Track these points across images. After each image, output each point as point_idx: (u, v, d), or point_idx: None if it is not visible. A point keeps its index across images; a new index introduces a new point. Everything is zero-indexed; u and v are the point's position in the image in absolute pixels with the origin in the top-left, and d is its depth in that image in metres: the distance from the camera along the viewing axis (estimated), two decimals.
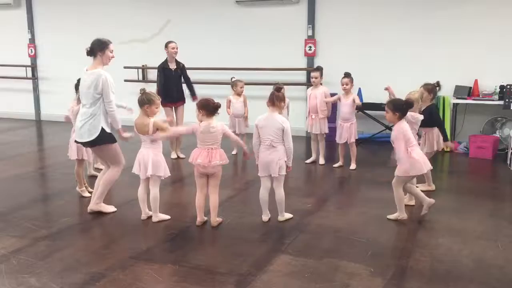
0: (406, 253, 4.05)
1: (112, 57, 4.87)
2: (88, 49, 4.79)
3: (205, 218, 4.71)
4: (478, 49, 8.02)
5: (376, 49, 8.61)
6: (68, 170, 5.55)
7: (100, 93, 4.69)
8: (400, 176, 4.67)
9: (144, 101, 4.65)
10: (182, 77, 7.50)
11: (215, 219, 4.66)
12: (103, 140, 4.79)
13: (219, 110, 4.56)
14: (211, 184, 4.63)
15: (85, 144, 4.91)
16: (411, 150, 4.59)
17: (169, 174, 4.85)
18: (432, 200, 4.86)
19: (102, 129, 4.75)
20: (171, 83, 7.36)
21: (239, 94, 7.53)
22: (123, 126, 4.89)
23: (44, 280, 3.57)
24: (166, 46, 7.33)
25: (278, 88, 4.73)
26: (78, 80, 5.94)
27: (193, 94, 7.48)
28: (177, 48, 7.32)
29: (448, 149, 5.26)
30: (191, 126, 4.60)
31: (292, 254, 4.01)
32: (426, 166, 4.70)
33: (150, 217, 4.81)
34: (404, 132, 4.57)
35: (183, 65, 7.52)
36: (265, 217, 4.76)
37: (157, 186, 4.77)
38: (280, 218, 4.76)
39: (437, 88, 5.68)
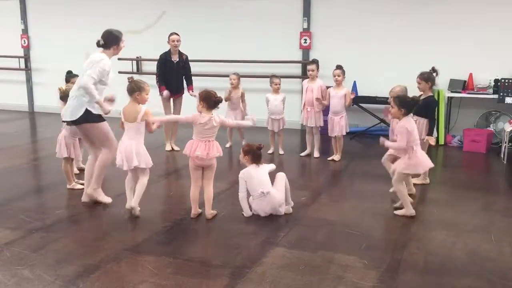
0: (400, 246, 4.06)
1: (123, 46, 4.87)
2: (101, 42, 4.75)
3: (200, 211, 4.71)
4: (473, 43, 8.02)
5: (372, 42, 8.59)
6: (61, 162, 5.52)
7: None
8: (400, 172, 4.65)
9: (134, 89, 4.57)
10: (184, 69, 7.39)
11: (209, 212, 4.65)
12: (88, 119, 4.72)
13: (220, 105, 4.56)
14: (206, 176, 4.62)
15: (70, 123, 4.87)
16: (416, 149, 4.61)
17: (152, 164, 4.68)
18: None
19: (87, 110, 4.69)
20: (172, 76, 7.27)
21: (235, 88, 7.48)
22: (112, 118, 4.83)
23: (38, 272, 3.55)
24: (168, 38, 7.22)
25: (259, 147, 4.74)
26: (68, 72, 6.02)
27: (189, 84, 7.40)
28: (177, 41, 7.18)
29: (432, 142, 5.18)
30: (191, 115, 4.54)
31: (286, 247, 4.01)
32: (428, 164, 4.76)
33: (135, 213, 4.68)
34: (410, 129, 4.55)
35: (187, 57, 7.42)
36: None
37: (147, 175, 4.68)
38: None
39: (434, 74, 5.57)
